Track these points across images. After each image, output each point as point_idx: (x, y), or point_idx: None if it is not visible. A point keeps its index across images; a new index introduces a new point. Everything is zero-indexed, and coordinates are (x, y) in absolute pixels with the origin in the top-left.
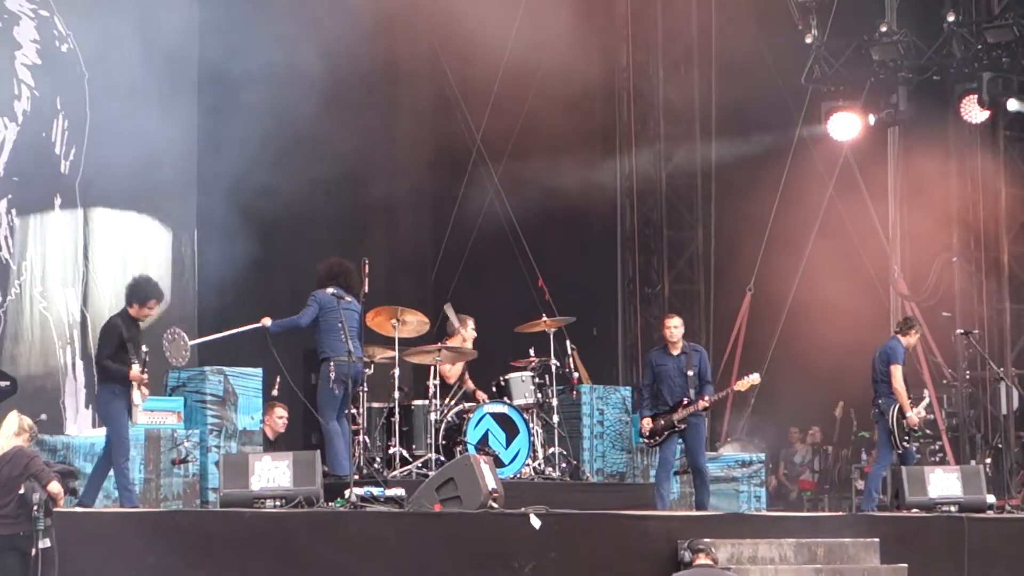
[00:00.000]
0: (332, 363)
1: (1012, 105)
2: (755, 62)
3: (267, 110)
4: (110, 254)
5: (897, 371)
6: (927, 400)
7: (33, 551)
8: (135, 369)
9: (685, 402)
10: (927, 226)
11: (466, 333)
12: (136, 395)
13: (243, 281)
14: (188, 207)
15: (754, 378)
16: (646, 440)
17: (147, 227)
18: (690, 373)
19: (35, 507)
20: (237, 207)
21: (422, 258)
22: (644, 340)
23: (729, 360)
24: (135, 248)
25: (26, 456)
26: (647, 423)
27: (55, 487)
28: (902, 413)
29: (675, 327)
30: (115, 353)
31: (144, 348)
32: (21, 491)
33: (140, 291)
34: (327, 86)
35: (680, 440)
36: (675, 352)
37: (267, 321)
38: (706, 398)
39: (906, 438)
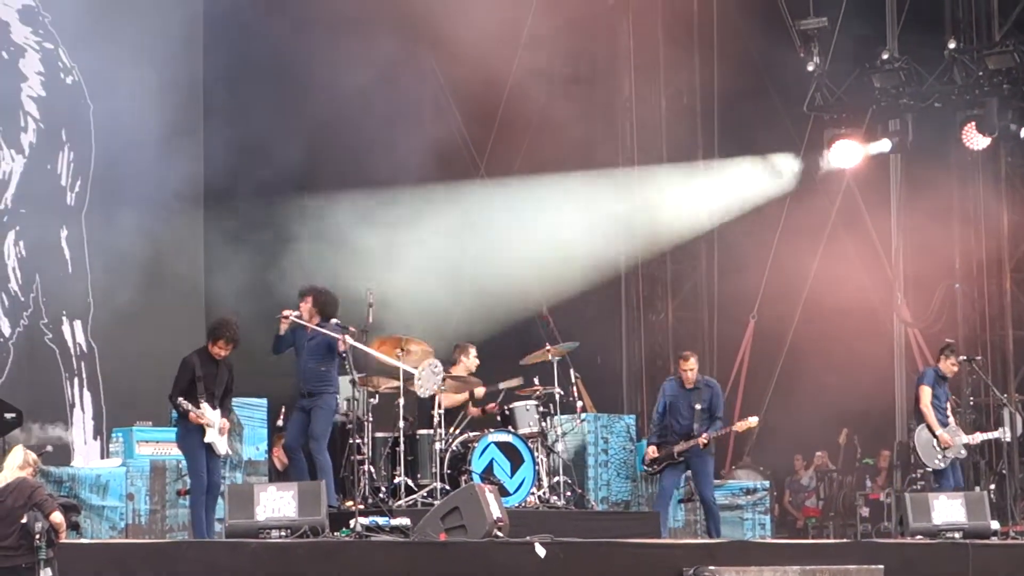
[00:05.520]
0: (337, 397)
1: None
2: (757, 90)
3: (270, 138)
4: (116, 286)
5: (923, 393)
6: (949, 424)
7: None
8: (195, 411)
9: (690, 436)
10: (930, 253)
11: (468, 362)
12: (210, 434)
13: (247, 308)
14: (195, 232)
15: (752, 421)
16: (647, 468)
17: (154, 259)
18: (698, 407)
19: (37, 536)
20: (242, 242)
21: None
22: (648, 368)
23: (733, 387)
24: (141, 279)
25: (30, 486)
26: (651, 451)
27: (58, 517)
28: (932, 432)
29: (691, 370)
30: (185, 390)
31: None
32: (23, 521)
33: (222, 330)
34: (328, 110)
35: (686, 470)
36: (688, 386)
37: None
38: (705, 435)
39: (938, 457)
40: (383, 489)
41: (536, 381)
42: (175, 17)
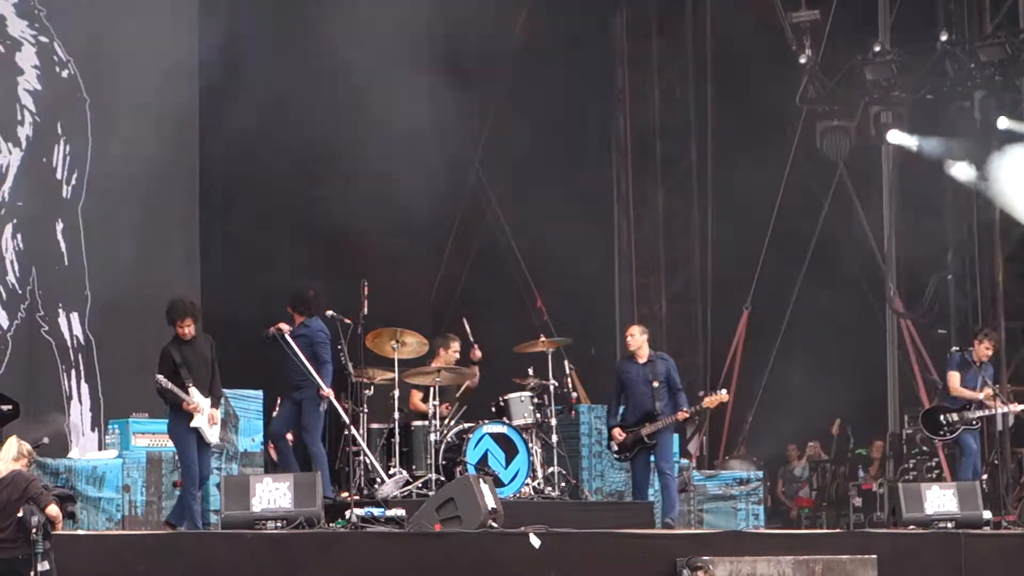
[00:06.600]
0: (329, 390)
1: (1002, 123)
2: (750, 82)
3: (267, 131)
4: (113, 279)
5: (951, 378)
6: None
7: (32, 574)
8: (184, 395)
9: (656, 415)
10: (922, 243)
11: (447, 356)
12: (197, 419)
13: (243, 300)
14: (192, 225)
15: (722, 394)
16: (616, 454)
17: (149, 252)
18: (655, 384)
19: (33, 530)
20: (238, 234)
21: (421, 279)
22: None
23: (727, 378)
24: (138, 272)
25: (25, 479)
26: (616, 432)
27: (53, 510)
28: (980, 406)
29: (631, 336)
30: (171, 379)
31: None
32: (19, 514)
33: (176, 310)
34: (326, 111)
35: (652, 457)
36: (641, 361)
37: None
38: (685, 410)
39: (944, 429)
40: (378, 480)
41: (530, 372)
42: (170, 9)
